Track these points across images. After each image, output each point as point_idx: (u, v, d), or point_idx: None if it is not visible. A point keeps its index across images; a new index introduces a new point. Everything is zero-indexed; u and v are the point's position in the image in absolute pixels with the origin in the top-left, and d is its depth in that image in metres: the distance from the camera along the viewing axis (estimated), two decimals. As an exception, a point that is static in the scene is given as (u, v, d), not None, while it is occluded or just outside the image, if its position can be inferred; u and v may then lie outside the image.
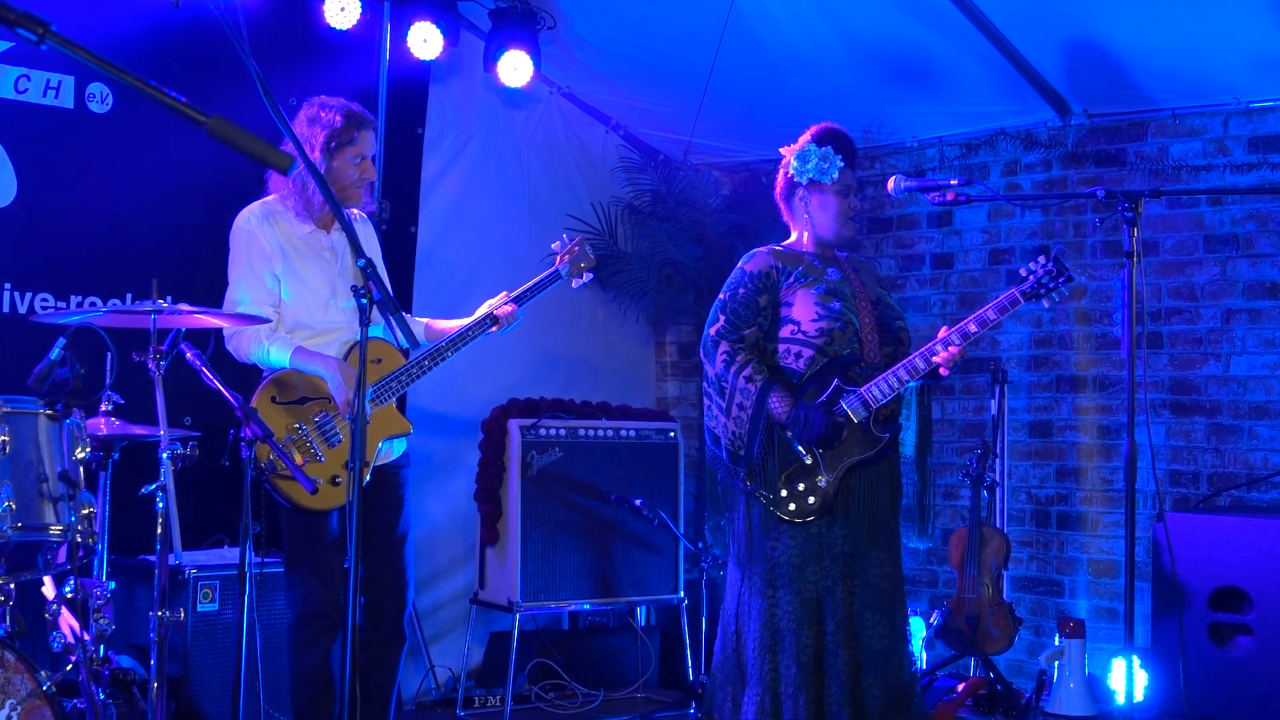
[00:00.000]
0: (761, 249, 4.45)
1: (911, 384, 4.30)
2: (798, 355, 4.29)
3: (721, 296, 4.41)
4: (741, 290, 4.36)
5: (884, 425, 4.26)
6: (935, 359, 4.18)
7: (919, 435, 4.43)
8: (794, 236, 4.51)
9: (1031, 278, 4.22)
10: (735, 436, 4.28)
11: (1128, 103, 5.90)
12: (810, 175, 4.38)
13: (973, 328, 4.19)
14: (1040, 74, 5.81)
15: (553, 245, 4.93)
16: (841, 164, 4.39)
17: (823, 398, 4.20)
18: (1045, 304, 4.25)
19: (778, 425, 4.23)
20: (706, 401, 4.42)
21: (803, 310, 4.30)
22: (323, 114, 4.40)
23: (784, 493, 4.22)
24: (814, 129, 4.46)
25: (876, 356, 4.32)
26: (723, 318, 4.36)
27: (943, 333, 4.23)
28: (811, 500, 4.20)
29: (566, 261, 4.82)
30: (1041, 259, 4.21)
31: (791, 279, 4.33)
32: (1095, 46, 5.56)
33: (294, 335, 4.37)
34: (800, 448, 4.23)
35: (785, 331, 4.33)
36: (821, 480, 4.21)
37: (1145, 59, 5.55)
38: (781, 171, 4.48)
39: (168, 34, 5.36)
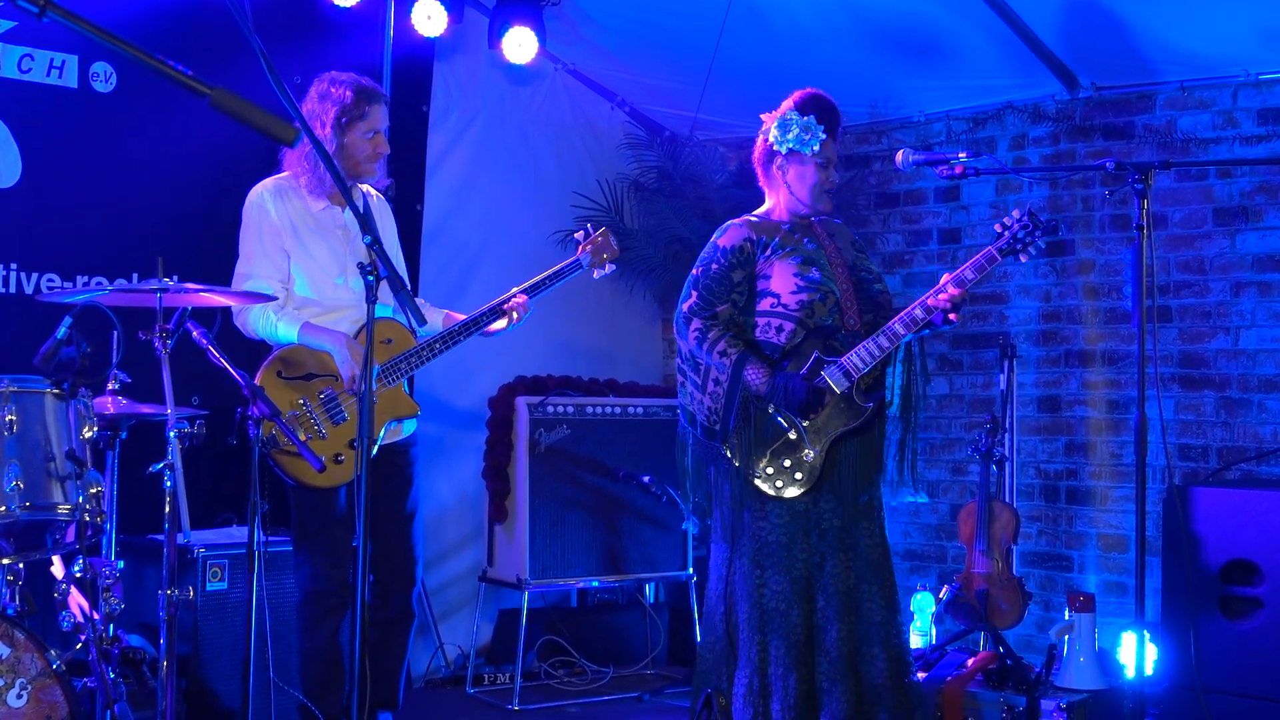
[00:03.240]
0: (736, 221, 4.36)
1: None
2: (779, 329, 4.23)
3: (694, 271, 4.33)
4: (715, 266, 4.28)
5: (867, 394, 4.23)
6: (913, 327, 4.13)
7: (903, 393, 4.36)
8: (769, 204, 4.42)
9: (1007, 233, 4.16)
10: (712, 412, 4.23)
11: (1136, 75, 5.87)
12: (790, 145, 4.29)
13: (951, 289, 4.14)
14: (1048, 47, 5.78)
15: (576, 234, 4.90)
16: (824, 136, 4.28)
17: (803, 370, 4.16)
18: (1023, 259, 4.19)
19: (755, 398, 4.17)
20: (680, 379, 4.36)
21: (782, 282, 4.23)
22: (333, 89, 4.39)
23: (770, 470, 4.18)
24: (797, 95, 4.36)
25: (857, 324, 4.25)
26: (695, 294, 4.28)
27: (935, 291, 4.17)
28: (799, 476, 4.17)
29: (589, 251, 4.79)
30: (1016, 212, 4.16)
31: (769, 251, 4.25)
32: (1103, 19, 5.53)
33: (303, 312, 4.37)
34: (782, 420, 4.19)
35: (764, 304, 4.26)
36: (808, 455, 4.17)
37: (1153, 31, 5.52)
38: (761, 137, 4.38)
39: (172, 15, 5.35)
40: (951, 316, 4.15)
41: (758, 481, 4.18)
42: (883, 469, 4.35)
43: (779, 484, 4.17)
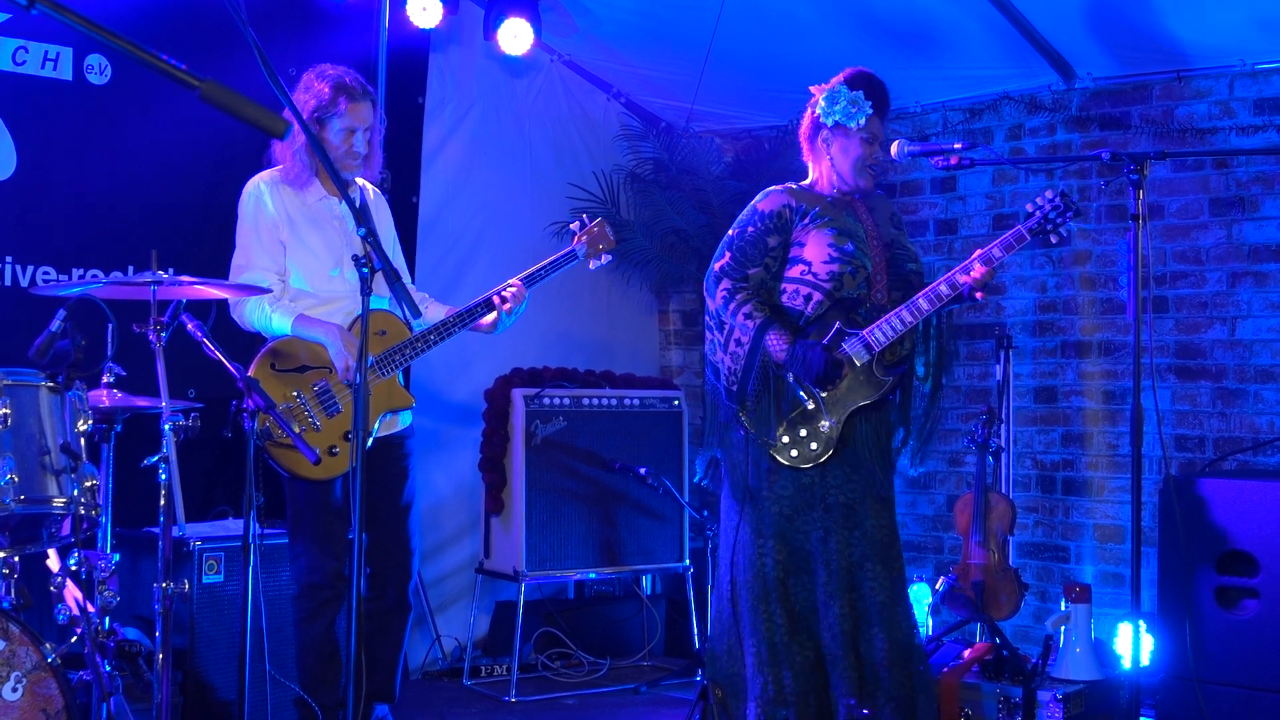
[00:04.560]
0: (777, 187, 4.36)
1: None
2: (807, 297, 4.23)
3: (731, 232, 4.35)
4: (751, 229, 4.30)
5: (888, 369, 4.24)
6: (937, 303, 4.14)
7: (935, 370, 4.38)
8: (811, 177, 4.43)
9: (1038, 213, 4.13)
10: (732, 372, 4.26)
11: (1132, 65, 5.86)
12: (837, 118, 4.28)
13: (978, 266, 4.14)
14: (1044, 37, 5.77)
15: (571, 225, 4.89)
16: (870, 111, 4.27)
17: (825, 340, 4.17)
18: (1054, 239, 4.16)
19: (774, 365, 4.19)
20: (708, 335, 4.39)
21: (815, 251, 4.24)
22: (315, 83, 4.40)
23: (785, 439, 4.19)
24: (848, 70, 4.35)
25: (884, 299, 4.27)
26: (728, 254, 4.30)
27: (963, 268, 4.18)
28: (814, 446, 4.18)
29: (584, 242, 4.77)
30: (1048, 193, 4.13)
31: (807, 219, 4.26)
32: (1099, 9, 5.52)
33: (298, 304, 4.37)
34: (801, 392, 4.20)
35: (795, 271, 4.27)
36: (824, 425, 4.18)
37: (1150, 21, 5.51)
38: (809, 109, 4.38)
39: (167, 6, 5.33)
40: (978, 294, 4.16)
41: (773, 450, 4.20)
42: (895, 449, 4.36)
43: (794, 453, 4.18)
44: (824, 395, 4.19)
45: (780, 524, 4.20)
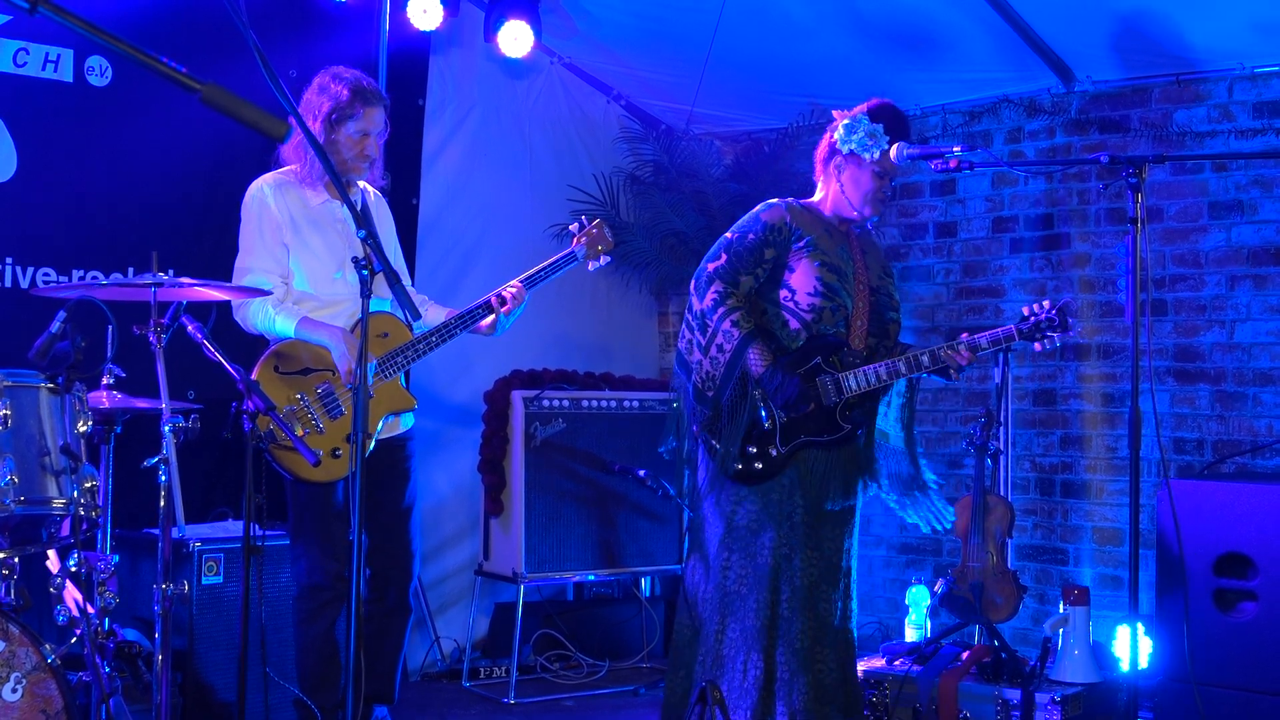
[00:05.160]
0: (780, 201, 4.38)
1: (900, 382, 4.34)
2: (784, 324, 4.28)
3: (729, 236, 4.36)
4: (751, 236, 4.31)
5: (848, 416, 4.27)
6: (916, 369, 4.21)
7: (905, 430, 4.46)
8: (818, 197, 4.46)
9: (1033, 319, 4.20)
10: (708, 376, 4.27)
11: (1131, 69, 5.87)
12: (852, 146, 4.32)
13: (964, 351, 4.19)
14: (1043, 40, 5.78)
15: (570, 227, 4.89)
16: (886, 146, 4.30)
17: (802, 371, 4.20)
18: (1036, 347, 4.23)
19: (751, 380, 4.21)
20: (686, 332, 4.38)
21: (802, 280, 4.27)
22: (333, 85, 4.41)
23: (733, 451, 4.23)
24: (874, 101, 4.39)
25: (860, 343, 4.32)
26: (725, 256, 4.31)
27: (948, 346, 4.23)
28: (758, 466, 4.22)
29: (583, 243, 4.78)
30: (1047, 303, 4.20)
31: (802, 244, 4.29)
32: (1098, 12, 5.53)
33: (301, 306, 4.38)
34: (764, 412, 4.23)
35: (779, 295, 4.30)
36: (772, 450, 4.23)
37: (1149, 24, 5.52)
38: (828, 133, 4.42)
39: (168, 9, 5.34)
40: (954, 374, 4.25)
41: (716, 456, 4.25)
42: (856, 485, 4.40)
43: (738, 468, 4.23)
44: (783, 421, 4.23)
45: (745, 537, 4.23)
